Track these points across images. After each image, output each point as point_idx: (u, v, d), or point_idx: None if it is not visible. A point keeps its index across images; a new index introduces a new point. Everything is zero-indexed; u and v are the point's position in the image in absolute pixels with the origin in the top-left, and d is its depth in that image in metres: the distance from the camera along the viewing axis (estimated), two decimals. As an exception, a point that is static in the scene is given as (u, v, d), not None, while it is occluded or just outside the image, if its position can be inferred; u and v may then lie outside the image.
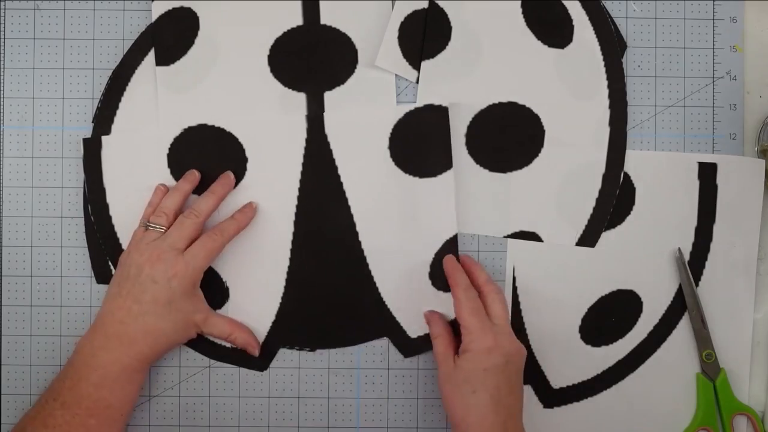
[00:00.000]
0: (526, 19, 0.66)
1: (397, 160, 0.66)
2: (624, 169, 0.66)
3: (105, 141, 0.66)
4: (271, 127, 0.66)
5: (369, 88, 0.66)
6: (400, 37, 0.66)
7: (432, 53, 0.66)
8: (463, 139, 0.66)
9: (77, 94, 0.66)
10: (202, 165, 0.65)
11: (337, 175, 0.66)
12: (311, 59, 0.66)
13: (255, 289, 0.66)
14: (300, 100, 0.66)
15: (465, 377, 0.58)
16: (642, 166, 0.67)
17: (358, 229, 0.66)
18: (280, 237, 0.66)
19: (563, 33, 0.67)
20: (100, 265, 0.66)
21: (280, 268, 0.66)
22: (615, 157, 0.66)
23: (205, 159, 0.66)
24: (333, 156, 0.66)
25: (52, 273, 0.66)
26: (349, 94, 0.66)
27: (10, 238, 0.66)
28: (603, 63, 0.66)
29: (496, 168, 0.66)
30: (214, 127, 0.66)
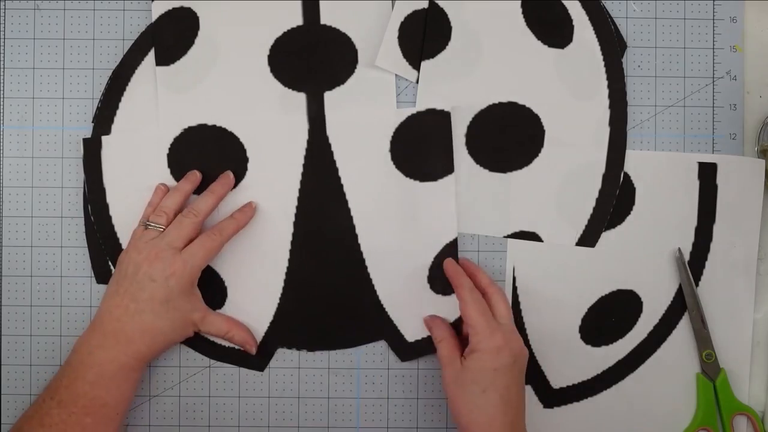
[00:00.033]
0: (526, 19, 0.66)
1: (398, 163, 0.66)
2: (624, 169, 0.66)
3: (105, 141, 0.66)
4: (272, 128, 0.66)
5: (369, 88, 0.66)
6: (400, 37, 0.66)
7: (432, 53, 0.66)
8: (463, 139, 0.66)
9: (77, 94, 0.66)
10: (202, 165, 0.65)
11: (338, 176, 0.66)
12: (311, 59, 0.66)
13: (254, 289, 0.66)
14: (300, 100, 0.66)
15: (473, 378, 0.58)
16: (642, 166, 0.67)
17: (357, 231, 0.66)
18: (279, 237, 0.66)
19: (563, 33, 0.67)
20: (100, 265, 0.66)
21: (279, 268, 0.66)
22: (615, 157, 0.66)
23: (205, 159, 0.66)
24: (334, 157, 0.66)
25: (52, 273, 0.66)
26: (349, 94, 0.66)
27: (10, 238, 0.66)
28: (603, 63, 0.66)
29: (496, 168, 0.66)
30: (214, 127, 0.66)
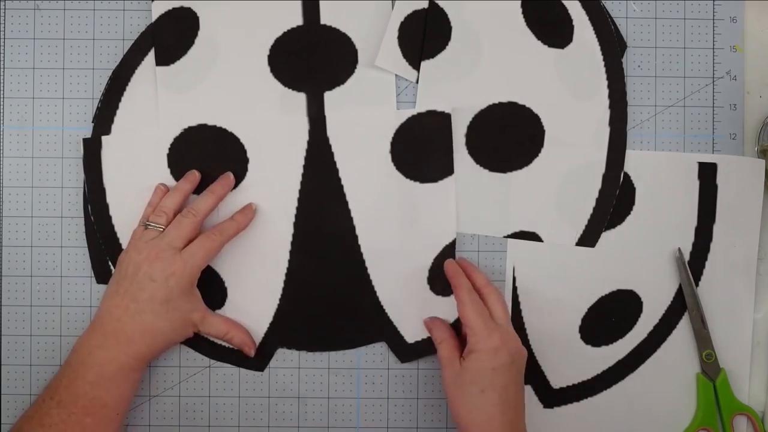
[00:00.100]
0: (526, 19, 0.66)
1: (399, 164, 0.66)
2: (624, 169, 0.66)
3: (105, 141, 0.66)
4: (273, 128, 0.66)
5: (369, 88, 0.66)
6: (400, 37, 0.66)
7: (432, 53, 0.66)
8: (463, 139, 0.66)
9: (77, 94, 0.66)
10: (202, 165, 0.65)
11: (338, 177, 0.66)
12: (311, 59, 0.66)
13: (253, 289, 0.66)
14: (300, 100, 0.66)
15: (472, 378, 0.58)
16: (642, 166, 0.66)
17: (357, 232, 0.66)
18: (279, 237, 0.66)
19: (563, 33, 0.67)
20: (100, 265, 0.66)
21: (279, 268, 0.66)
22: (615, 157, 0.66)
23: (205, 159, 0.66)
24: (334, 158, 0.66)
25: (52, 273, 0.66)
26: (349, 94, 0.66)
27: (10, 238, 0.66)
28: (603, 63, 0.66)
29: (496, 168, 0.66)
30: (214, 127, 0.66)
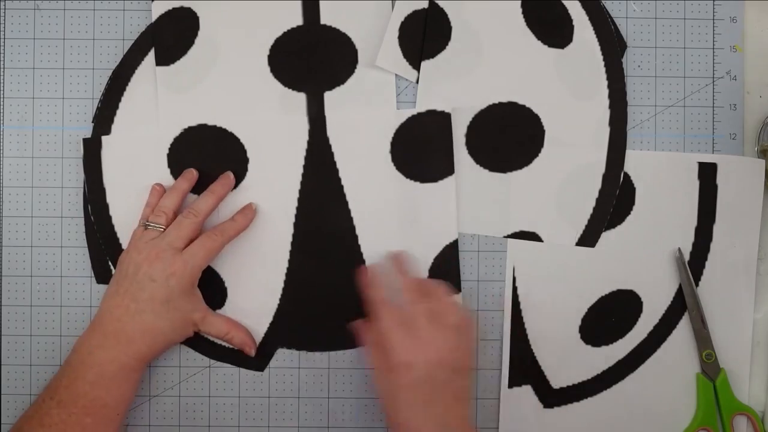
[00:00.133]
0: (526, 19, 0.66)
1: (399, 164, 0.66)
2: (624, 169, 0.66)
3: (105, 141, 0.66)
4: (273, 128, 0.66)
5: (369, 88, 0.66)
6: (400, 37, 0.66)
7: (432, 53, 0.66)
8: (464, 139, 0.66)
9: (77, 94, 0.66)
10: (202, 165, 0.65)
11: (338, 177, 0.66)
12: (311, 59, 0.66)
13: (253, 289, 0.66)
14: (300, 100, 0.66)
15: (396, 392, 0.57)
16: (642, 166, 0.66)
17: (357, 232, 0.66)
18: (279, 237, 0.66)
19: (563, 33, 0.67)
20: (100, 265, 0.66)
21: (279, 268, 0.66)
22: (615, 157, 0.66)
23: (205, 159, 0.65)
24: (334, 158, 0.66)
25: (52, 273, 0.66)
26: (349, 94, 0.66)
27: (10, 238, 0.66)
28: (603, 63, 0.66)
29: (496, 168, 0.66)
30: (214, 127, 0.66)
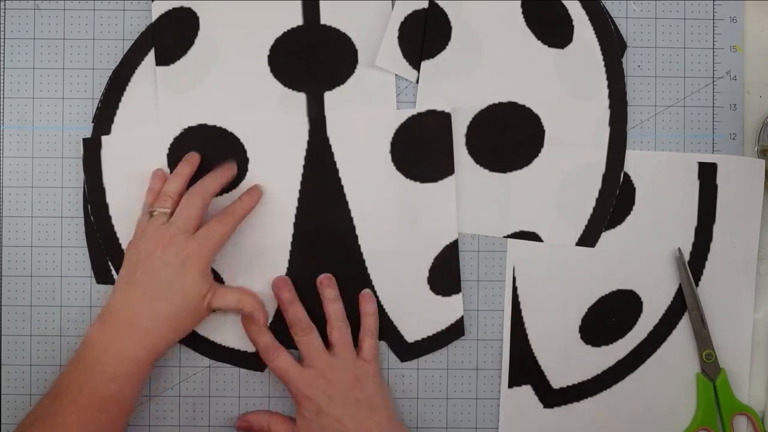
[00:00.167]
0: (526, 19, 0.66)
1: (399, 164, 0.66)
2: (624, 169, 0.66)
3: (105, 141, 0.66)
4: (273, 128, 0.66)
5: (369, 88, 0.66)
6: (400, 37, 0.66)
7: (432, 53, 0.66)
8: (464, 139, 0.66)
9: (77, 94, 0.66)
10: (202, 165, 0.65)
11: (338, 177, 0.66)
12: (311, 59, 0.66)
13: (254, 289, 0.65)
14: (300, 100, 0.66)
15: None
16: (642, 166, 0.66)
17: (357, 232, 0.66)
18: (279, 237, 0.66)
19: (563, 33, 0.67)
20: (100, 265, 0.66)
21: (279, 268, 0.66)
22: (615, 157, 0.66)
23: (205, 159, 0.65)
24: (334, 158, 0.66)
25: (52, 273, 0.66)
26: (349, 94, 0.66)
27: (10, 238, 0.66)
28: (603, 63, 0.66)
29: (496, 168, 0.66)
30: (214, 127, 0.66)
